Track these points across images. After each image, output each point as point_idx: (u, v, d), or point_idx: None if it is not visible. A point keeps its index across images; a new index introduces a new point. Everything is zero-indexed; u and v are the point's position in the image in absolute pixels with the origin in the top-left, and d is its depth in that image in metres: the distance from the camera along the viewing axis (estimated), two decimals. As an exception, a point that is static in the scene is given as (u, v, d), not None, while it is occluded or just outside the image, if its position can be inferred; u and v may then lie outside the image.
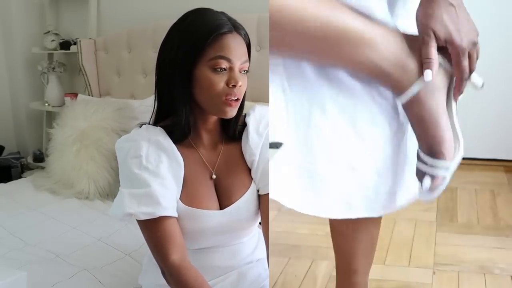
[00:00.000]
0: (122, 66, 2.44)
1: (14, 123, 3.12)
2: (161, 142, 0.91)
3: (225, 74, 0.88)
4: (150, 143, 0.91)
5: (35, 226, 1.61)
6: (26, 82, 3.00)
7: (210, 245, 1.00)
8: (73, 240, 1.49)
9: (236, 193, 0.99)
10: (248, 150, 1.00)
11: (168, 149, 0.91)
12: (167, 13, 2.31)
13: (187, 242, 0.97)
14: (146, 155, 0.89)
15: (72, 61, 2.78)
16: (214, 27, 0.89)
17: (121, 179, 0.94)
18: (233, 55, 0.88)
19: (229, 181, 1.00)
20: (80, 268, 1.26)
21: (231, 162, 1.01)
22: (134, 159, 0.90)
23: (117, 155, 0.95)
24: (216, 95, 0.88)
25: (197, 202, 0.94)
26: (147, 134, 0.92)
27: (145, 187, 0.87)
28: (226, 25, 0.89)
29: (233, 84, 0.88)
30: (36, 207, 1.79)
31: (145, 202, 0.86)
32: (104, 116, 1.99)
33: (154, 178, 0.88)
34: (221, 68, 0.88)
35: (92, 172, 1.90)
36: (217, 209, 0.97)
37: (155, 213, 0.86)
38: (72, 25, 2.85)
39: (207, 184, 0.98)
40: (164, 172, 0.90)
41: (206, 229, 0.96)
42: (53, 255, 1.36)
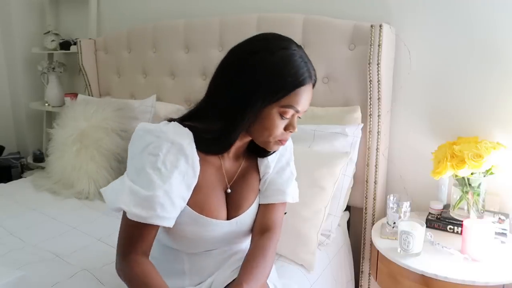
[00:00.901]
0: (122, 66, 2.44)
1: (14, 123, 3.12)
2: (184, 147, 0.87)
3: (287, 120, 0.90)
4: (172, 145, 0.87)
5: (35, 226, 1.61)
6: (26, 82, 3.00)
7: (209, 249, 1.01)
8: (73, 240, 1.49)
9: (244, 205, 1.01)
10: (265, 162, 1.04)
11: (189, 156, 0.88)
12: (167, 13, 2.33)
13: (186, 246, 0.98)
14: (164, 157, 0.86)
15: (72, 61, 2.78)
16: (300, 81, 0.87)
17: (129, 167, 0.89)
18: (302, 107, 0.90)
19: (241, 194, 1.01)
20: (80, 268, 1.26)
21: (247, 175, 1.03)
22: (151, 156, 0.86)
23: (134, 141, 0.89)
24: (273, 136, 0.91)
25: (207, 211, 0.94)
26: (173, 135, 0.88)
27: (149, 190, 0.84)
28: (309, 77, 0.89)
29: (291, 130, 0.91)
30: (36, 207, 1.79)
31: (143, 205, 0.84)
32: (104, 116, 1.99)
33: (163, 183, 0.85)
34: (288, 116, 0.90)
35: (92, 172, 1.90)
36: (224, 219, 0.98)
37: (147, 220, 0.84)
38: (72, 25, 2.85)
39: (221, 194, 0.99)
40: (176, 178, 0.86)
41: (209, 237, 0.97)
42: (53, 255, 1.36)
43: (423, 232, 1.31)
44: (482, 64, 1.49)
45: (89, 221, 1.66)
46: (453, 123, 1.57)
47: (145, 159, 0.86)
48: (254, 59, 0.86)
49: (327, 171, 1.39)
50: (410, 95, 1.65)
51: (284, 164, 1.07)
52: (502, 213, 1.45)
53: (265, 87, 0.85)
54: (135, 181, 0.86)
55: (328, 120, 1.60)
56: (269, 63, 0.86)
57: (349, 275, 1.65)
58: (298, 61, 0.87)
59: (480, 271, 1.23)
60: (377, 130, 1.58)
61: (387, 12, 1.63)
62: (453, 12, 1.52)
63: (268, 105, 0.87)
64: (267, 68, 0.86)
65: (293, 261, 1.34)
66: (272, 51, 0.87)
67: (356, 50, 1.60)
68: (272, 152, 1.03)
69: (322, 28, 1.66)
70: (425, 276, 1.25)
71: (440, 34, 1.55)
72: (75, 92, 2.70)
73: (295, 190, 1.09)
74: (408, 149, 1.69)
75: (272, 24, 1.77)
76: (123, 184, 0.87)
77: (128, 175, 0.88)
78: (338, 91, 1.66)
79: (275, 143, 0.92)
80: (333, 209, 1.49)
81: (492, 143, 1.40)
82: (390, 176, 1.73)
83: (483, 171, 1.39)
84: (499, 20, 1.44)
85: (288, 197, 1.05)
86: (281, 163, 1.06)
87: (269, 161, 1.04)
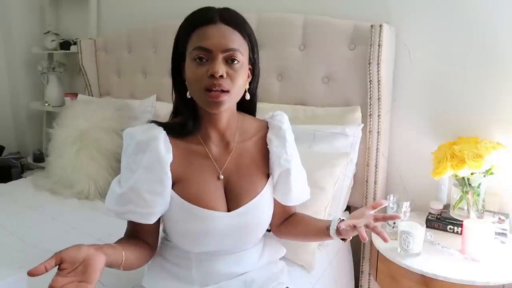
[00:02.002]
0: (122, 66, 2.44)
1: (14, 123, 3.12)
2: (149, 144, 0.91)
3: (206, 65, 0.87)
4: (139, 144, 0.92)
5: (35, 226, 1.61)
6: (26, 82, 3.00)
7: (215, 250, 0.98)
8: (73, 240, 1.47)
9: (245, 197, 0.98)
10: (272, 153, 1.02)
11: (153, 151, 0.91)
12: (167, 13, 2.32)
13: (192, 245, 0.97)
14: (133, 155, 0.93)
15: (72, 61, 2.78)
16: (195, 22, 0.89)
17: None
18: (211, 44, 0.86)
19: (239, 183, 0.98)
20: (80, 268, 1.26)
21: (243, 163, 1.00)
22: (125, 157, 0.95)
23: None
24: (197, 86, 0.88)
25: (203, 202, 0.93)
26: (140, 135, 0.93)
27: (121, 188, 0.93)
28: (210, 17, 0.88)
29: (211, 73, 0.85)
30: (36, 207, 1.79)
31: (118, 202, 0.93)
32: (104, 116, 1.99)
33: (130, 180, 0.92)
34: (200, 58, 0.87)
35: (92, 172, 1.90)
36: (225, 210, 0.96)
37: (124, 215, 0.94)
38: (72, 25, 2.85)
39: (214, 183, 0.97)
40: (142, 174, 0.91)
41: (211, 230, 0.94)
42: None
43: (423, 232, 1.31)
44: (482, 64, 1.49)
45: (89, 221, 1.66)
46: (453, 123, 1.57)
47: (123, 160, 0.95)
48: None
49: (327, 172, 1.39)
50: (410, 95, 1.65)
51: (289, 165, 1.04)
52: (502, 213, 1.45)
53: (175, 45, 0.94)
54: (119, 181, 0.96)
55: (328, 120, 1.60)
56: (178, 28, 0.94)
57: (349, 275, 1.65)
58: (204, 9, 0.92)
59: (480, 271, 1.23)
60: (377, 130, 1.58)
61: (387, 12, 1.63)
62: (453, 12, 1.52)
63: (184, 60, 0.91)
64: (177, 33, 0.94)
65: (293, 261, 1.33)
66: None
67: (356, 50, 1.60)
68: (263, 129, 1.05)
69: (322, 28, 1.66)
70: (425, 276, 1.25)
71: (440, 34, 1.55)
72: (75, 92, 2.70)
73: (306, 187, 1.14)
74: (408, 149, 1.69)
75: (272, 24, 1.77)
76: (112, 185, 0.97)
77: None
78: (338, 91, 1.66)
79: (205, 95, 0.87)
80: (333, 210, 1.49)
81: (492, 143, 1.40)
82: (390, 176, 1.73)
83: (483, 171, 1.39)
84: (499, 20, 1.44)
85: (304, 197, 1.13)
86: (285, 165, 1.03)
87: (273, 151, 1.02)
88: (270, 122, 1.05)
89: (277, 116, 1.06)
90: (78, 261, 0.73)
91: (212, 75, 0.85)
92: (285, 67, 1.78)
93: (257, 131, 1.05)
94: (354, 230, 0.89)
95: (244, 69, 0.91)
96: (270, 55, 1.79)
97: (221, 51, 0.86)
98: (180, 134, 0.95)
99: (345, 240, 0.97)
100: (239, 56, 0.88)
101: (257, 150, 1.03)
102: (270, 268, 1.07)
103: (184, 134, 0.95)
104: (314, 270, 1.34)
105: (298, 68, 1.74)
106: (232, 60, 0.88)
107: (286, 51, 1.76)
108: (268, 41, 1.79)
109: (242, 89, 0.93)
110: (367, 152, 1.60)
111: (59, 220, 1.66)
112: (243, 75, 0.91)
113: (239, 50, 0.88)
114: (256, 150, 1.03)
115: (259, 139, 1.04)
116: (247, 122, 1.04)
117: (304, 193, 1.13)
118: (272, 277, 1.05)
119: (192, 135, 0.96)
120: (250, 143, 1.02)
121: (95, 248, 0.77)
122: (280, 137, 1.03)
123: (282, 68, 1.79)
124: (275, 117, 1.06)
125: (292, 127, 1.09)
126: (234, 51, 0.88)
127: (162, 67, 2.20)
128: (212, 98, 0.86)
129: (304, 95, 1.74)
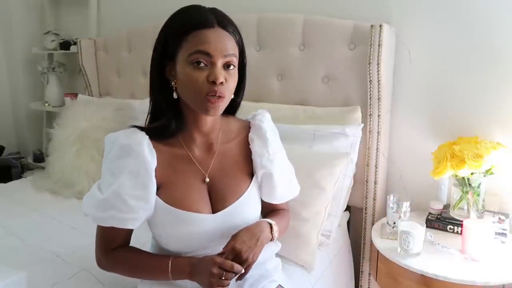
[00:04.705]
0: (122, 66, 2.44)
1: (14, 123, 3.12)
2: (132, 147, 0.91)
3: (206, 70, 0.87)
4: (121, 148, 0.92)
5: (35, 226, 1.61)
6: (26, 82, 3.00)
7: (203, 249, 0.98)
8: (73, 240, 1.48)
9: (230, 198, 0.98)
10: (254, 153, 1.02)
11: (139, 155, 0.91)
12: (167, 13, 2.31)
13: (179, 246, 0.97)
14: (115, 160, 0.92)
15: (72, 61, 2.78)
16: (190, 24, 0.88)
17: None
18: (213, 50, 0.86)
19: (223, 184, 0.99)
20: (80, 268, 1.26)
21: (227, 165, 1.00)
22: (107, 161, 0.94)
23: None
24: (197, 91, 0.87)
25: (188, 205, 0.93)
26: (123, 138, 0.93)
27: (103, 193, 0.92)
28: (208, 21, 0.88)
29: (212, 80, 0.86)
30: (36, 207, 1.79)
31: (99, 207, 0.92)
32: (104, 116, 1.99)
33: (112, 185, 0.91)
34: (199, 61, 0.86)
35: (92, 172, 1.90)
36: (209, 212, 0.96)
37: (106, 221, 0.93)
38: (72, 25, 2.85)
39: (199, 186, 0.97)
40: (126, 179, 0.90)
41: (197, 233, 0.95)
42: (53, 255, 1.36)
43: (423, 232, 1.31)
44: (482, 64, 1.49)
45: (89, 221, 1.63)
46: (453, 123, 1.57)
47: (105, 165, 0.95)
48: (158, 36, 0.94)
49: (327, 172, 1.39)
50: (410, 95, 1.65)
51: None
52: (502, 213, 1.45)
53: (165, 44, 0.91)
54: (99, 186, 0.95)
55: (328, 120, 1.60)
56: (166, 25, 0.93)
57: (349, 275, 1.65)
58: (198, 9, 0.91)
59: (480, 271, 1.23)
60: (377, 130, 1.58)
61: (387, 12, 1.63)
62: (453, 12, 1.52)
63: (177, 61, 0.89)
64: (164, 30, 0.93)
65: (294, 261, 1.33)
66: (170, 17, 0.94)
67: (356, 50, 1.60)
68: (245, 129, 1.05)
69: (322, 28, 1.66)
70: (425, 276, 1.24)
71: (440, 34, 1.55)
72: (75, 92, 2.70)
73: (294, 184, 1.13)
74: (408, 149, 1.69)
75: (272, 24, 1.77)
76: (91, 190, 0.96)
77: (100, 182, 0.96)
78: (338, 91, 1.66)
79: (206, 100, 0.87)
80: (333, 210, 1.49)
81: (492, 143, 1.40)
82: (390, 176, 1.73)
83: (483, 171, 1.39)
84: (499, 20, 1.44)
85: (291, 195, 1.11)
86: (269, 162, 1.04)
87: (256, 151, 1.02)
88: (252, 122, 1.06)
89: (258, 115, 1.07)
90: None
91: (214, 81, 0.86)
92: (285, 67, 1.78)
93: (240, 131, 1.06)
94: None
95: (236, 74, 0.93)
96: (270, 55, 1.79)
97: (222, 56, 0.87)
98: (162, 136, 0.95)
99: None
100: (235, 61, 0.90)
101: (240, 150, 1.04)
102: (264, 265, 1.07)
103: (166, 136, 0.95)
104: (314, 270, 1.34)
105: (298, 68, 1.74)
106: (228, 65, 0.89)
107: (286, 51, 1.76)
108: (268, 41, 1.79)
109: (233, 92, 0.94)
110: (367, 152, 1.60)
111: (59, 220, 1.66)
112: (235, 79, 0.92)
113: (234, 55, 0.90)
114: (239, 150, 1.03)
115: (242, 140, 1.05)
116: (230, 123, 1.05)
117: (292, 190, 1.13)
118: (265, 274, 1.05)
119: (175, 137, 0.96)
120: (233, 144, 1.03)
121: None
122: (261, 136, 1.04)
123: (282, 68, 1.79)
124: (256, 117, 1.07)
125: (292, 127, 1.10)
126: (232, 56, 0.89)
127: (162, 67, 2.20)
128: (211, 104, 0.88)
129: (304, 95, 1.74)
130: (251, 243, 0.91)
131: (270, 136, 1.05)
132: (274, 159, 1.03)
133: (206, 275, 0.86)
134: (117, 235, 0.97)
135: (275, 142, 1.07)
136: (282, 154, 1.10)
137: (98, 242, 0.99)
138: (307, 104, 1.73)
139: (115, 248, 0.98)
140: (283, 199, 1.10)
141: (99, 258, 1.00)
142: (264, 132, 1.04)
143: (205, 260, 0.89)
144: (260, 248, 0.93)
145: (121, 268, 0.99)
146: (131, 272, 1.00)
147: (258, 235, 0.94)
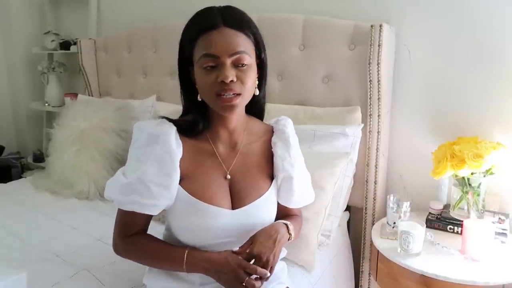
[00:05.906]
0: (122, 66, 2.44)
1: (14, 123, 3.12)
2: (160, 137, 0.93)
3: (216, 71, 0.88)
4: (149, 136, 0.94)
5: (35, 226, 1.61)
6: (26, 82, 3.00)
7: (218, 243, 0.98)
8: (73, 240, 1.48)
9: (250, 196, 1.00)
10: (276, 156, 1.04)
11: (165, 144, 0.93)
12: (167, 13, 2.32)
13: (194, 239, 0.98)
14: (143, 147, 0.94)
15: (72, 61, 2.78)
16: (198, 27, 0.90)
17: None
18: (218, 51, 0.87)
19: (244, 183, 1.01)
20: (80, 268, 1.26)
21: (248, 165, 1.03)
22: (134, 148, 0.96)
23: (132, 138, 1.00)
24: (209, 92, 0.90)
25: (209, 198, 0.95)
26: (152, 128, 0.95)
27: (127, 178, 0.93)
28: (213, 22, 0.89)
29: (221, 80, 0.87)
30: (36, 207, 1.79)
31: (122, 191, 0.93)
32: (104, 116, 1.99)
33: (137, 171, 0.92)
34: (209, 66, 0.88)
35: (92, 172, 1.90)
36: (229, 208, 0.98)
37: (127, 205, 0.93)
38: (72, 25, 2.85)
39: (220, 182, 0.99)
40: (150, 166, 0.92)
41: (214, 227, 0.96)
42: (53, 255, 1.36)
43: (423, 232, 1.31)
44: (482, 64, 1.49)
45: (89, 221, 1.66)
46: (453, 123, 1.57)
47: (132, 151, 0.97)
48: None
49: (327, 172, 1.39)
50: (410, 95, 1.65)
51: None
52: (502, 213, 1.45)
53: (181, 52, 0.96)
54: (124, 171, 0.96)
55: (328, 120, 1.60)
56: (182, 32, 0.96)
57: (349, 275, 1.65)
58: (204, 13, 0.92)
59: (480, 271, 1.23)
60: (377, 130, 1.58)
61: (387, 12, 1.63)
62: (453, 12, 1.52)
63: (193, 67, 0.92)
64: (181, 37, 0.96)
65: (294, 261, 1.33)
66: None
67: (356, 50, 1.60)
68: (269, 132, 1.08)
69: (322, 28, 1.66)
70: (425, 276, 1.25)
71: (440, 34, 1.55)
72: (75, 92, 2.70)
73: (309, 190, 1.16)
74: (408, 149, 1.69)
75: (272, 24, 1.77)
76: (115, 175, 0.97)
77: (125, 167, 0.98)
78: (338, 91, 1.66)
79: (218, 100, 0.89)
80: (333, 210, 1.49)
81: (492, 143, 1.40)
82: (390, 176, 1.73)
83: (483, 171, 1.39)
84: (499, 20, 1.44)
85: (307, 201, 1.14)
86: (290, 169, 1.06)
87: (278, 154, 1.04)
88: (275, 127, 1.09)
89: (281, 120, 1.10)
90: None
91: (223, 81, 0.87)
92: (285, 67, 1.78)
93: (263, 134, 1.08)
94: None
95: (253, 70, 0.93)
96: (270, 55, 1.76)
97: (228, 55, 0.88)
98: (190, 132, 0.97)
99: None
100: (246, 58, 0.90)
101: (262, 152, 1.06)
102: (278, 265, 1.07)
103: (194, 133, 0.98)
104: (314, 270, 1.34)
105: (298, 68, 1.74)
106: (239, 63, 0.89)
107: (286, 51, 1.76)
108: (268, 41, 1.77)
109: (252, 89, 0.95)
110: (367, 152, 1.60)
111: (59, 220, 1.66)
112: (252, 76, 0.92)
113: (245, 51, 0.90)
114: (261, 152, 1.06)
115: (264, 142, 1.07)
116: (254, 124, 1.07)
117: (308, 196, 1.16)
118: (272, 276, 1.05)
119: (202, 134, 0.99)
120: (256, 145, 1.05)
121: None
122: (284, 140, 1.06)
123: (282, 68, 1.79)
124: (279, 122, 1.10)
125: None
126: (241, 53, 0.89)
127: (162, 67, 2.20)
128: (225, 103, 0.89)
129: (304, 95, 1.74)
130: (269, 244, 0.93)
131: (293, 141, 1.08)
132: (295, 164, 1.06)
133: (231, 276, 0.89)
134: (136, 221, 0.98)
135: (296, 147, 1.10)
136: (302, 160, 1.12)
137: (117, 226, 1.00)
138: (307, 104, 1.73)
139: (132, 234, 0.99)
140: (299, 204, 1.13)
141: (116, 242, 1.01)
142: (287, 137, 1.07)
143: (227, 261, 0.90)
144: (279, 248, 0.95)
145: (136, 254, 1.00)
146: (145, 259, 1.00)
147: (275, 236, 0.96)
